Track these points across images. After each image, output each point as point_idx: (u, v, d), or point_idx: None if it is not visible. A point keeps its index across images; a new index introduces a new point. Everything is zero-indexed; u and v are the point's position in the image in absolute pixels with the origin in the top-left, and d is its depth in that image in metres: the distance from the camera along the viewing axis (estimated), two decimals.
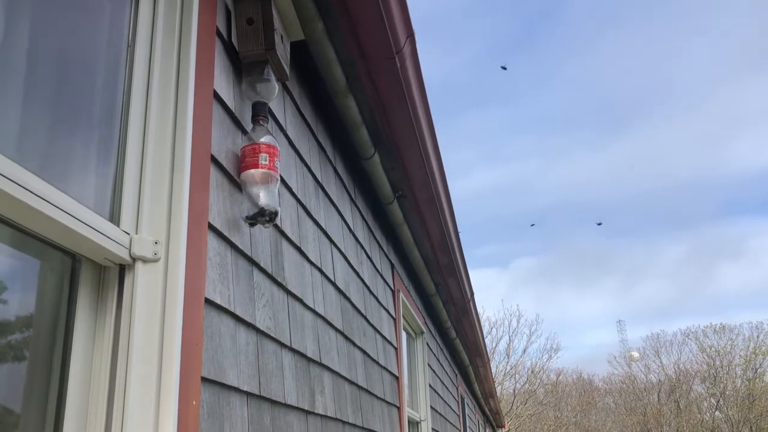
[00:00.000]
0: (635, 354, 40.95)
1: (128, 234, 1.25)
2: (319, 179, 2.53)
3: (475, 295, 6.41)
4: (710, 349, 35.60)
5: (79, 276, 1.22)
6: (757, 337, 34.30)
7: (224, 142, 1.63)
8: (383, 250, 3.83)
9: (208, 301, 1.41)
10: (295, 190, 2.17)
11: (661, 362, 38.37)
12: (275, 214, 1.65)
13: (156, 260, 1.27)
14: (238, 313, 1.58)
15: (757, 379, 33.16)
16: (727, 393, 33.44)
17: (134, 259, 1.24)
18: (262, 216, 1.63)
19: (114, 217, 1.27)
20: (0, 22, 1.10)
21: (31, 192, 1.00)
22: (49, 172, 1.16)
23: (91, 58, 1.34)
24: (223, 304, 1.49)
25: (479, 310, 9.26)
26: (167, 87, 1.41)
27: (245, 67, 1.76)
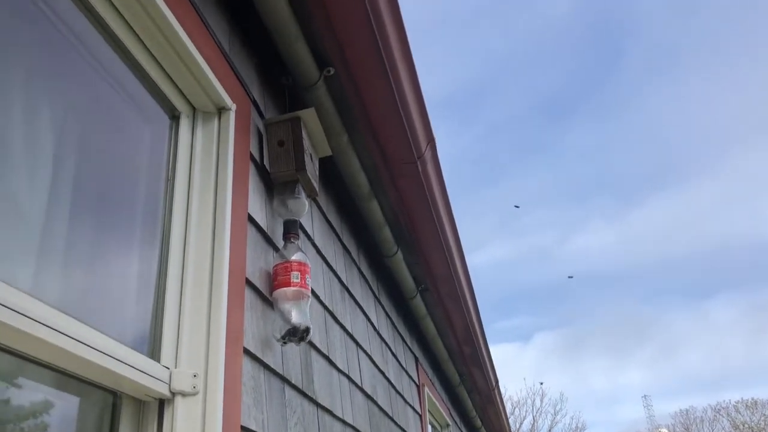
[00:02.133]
0: (665, 431, 39.36)
1: (168, 369, 1.26)
2: (345, 282, 2.55)
3: (499, 382, 6.27)
4: (744, 425, 34.15)
5: (120, 411, 1.22)
6: None
7: (257, 262, 1.66)
8: (407, 344, 3.79)
9: (243, 429, 1.41)
10: (322, 297, 2.19)
11: None
12: (307, 332, 1.66)
13: (195, 393, 1.27)
14: None
15: None
16: None
17: (174, 394, 1.25)
18: (294, 335, 1.64)
19: (154, 352, 1.28)
20: (45, 157, 1.16)
21: (74, 339, 1.02)
22: (91, 312, 1.19)
23: (132, 191, 1.40)
24: (258, 430, 1.48)
25: (501, 388, 9.01)
26: (205, 215, 1.46)
27: (277, 186, 1.82)
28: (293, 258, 1.71)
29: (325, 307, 2.22)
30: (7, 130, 1.07)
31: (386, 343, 3.18)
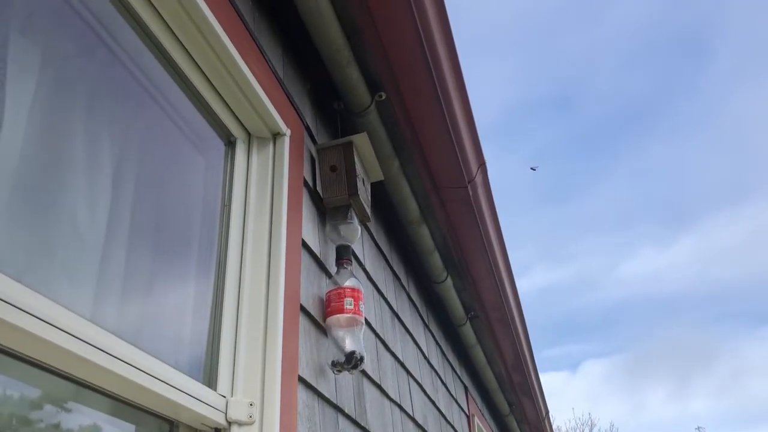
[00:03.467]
0: None
1: (224, 397, 1.24)
2: (395, 309, 2.51)
3: (549, 412, 6.09)
4: None
5: None
6: None
7: (311, 288, 1.64)
8: (456, 372, 3.71)
9: None
10: (373, 324, 2.16)
11: None
12: (361, 360, 1.62)
13: (251, 423, 1.25)
14: None
15: None
16: None
17: (230, 423, 1.23)
18: (348, 363, 1.60)
19: (211, 379, 1.27)
20: (104, 182, 1.16)
21: (131, 365, 1.01)
22: (148, 338, 1.18)
23: (189, 217, 1.40)
24: None
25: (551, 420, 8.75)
26: (261, 241, 1.45)
27: (329, 211, 1.81)
28: (346, 284, 1.69)
29: (377, 334, 2.18)
30: (68, 158, 1.08)
31: (436, 371, 3.11)
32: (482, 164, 2.54)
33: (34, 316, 0.83)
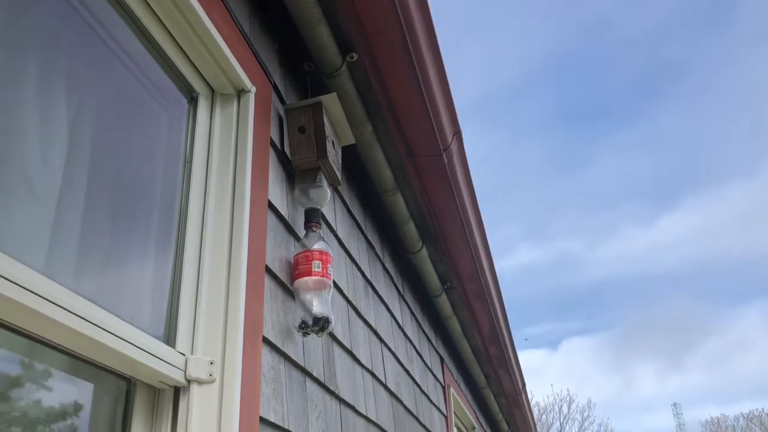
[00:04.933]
0: None
1: (183, 355, 1.22)
2: (369, 277, 2.49)
3: (526, 385, 6.15)
4: None
5: (134, 399, 1.18)
6: None
7: (278, 251, 1.62)
8: (432, 343, 3.72)
9: (262, 420, 1.36)
10: (345, 291, 2.14)
11: None
12: (328, 322, 1.60)
13: (211, 381, 1.22)
14: (292, 429, 1.51)
15: None
16: None
17: (189, 381, 1.21)
18: (316, 325, 1.59)
19: (170, 337, 1.24)
20: (60, 137, 1.12)
21: (87, 321, 0.98)
22: (105, 295, 1.15)
23: (149, 175, 1.36)
24: (278, 422, 1.43)
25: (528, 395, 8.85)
26: (223, 200, 1.42)
27: (298, 174, 1.77)
28: (315, 247, 1.66)
29: (349, 302, 2.17)
30: (22, 112, 1.03)
31: (411, 342, 3.11)
32: (457, 132, 2.52)
33: None
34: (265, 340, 1.44)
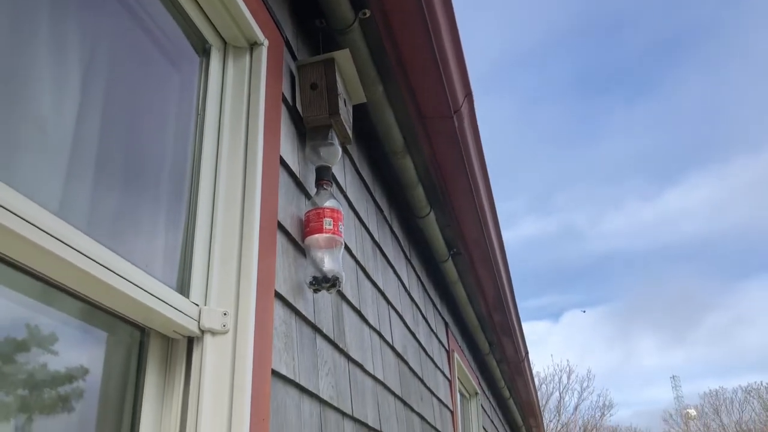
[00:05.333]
0: (692, 412, 38.93)
1: (197, 305, 1.22)
2: (377, 239, 2.49)
3: (529, 353, 6.20)
4: None
5: (147, 348, 1.19)
6: None
7: (289, 207, 1.61)
8: (437, 308, 3.74)
9: (274, 373, 1.37)
10: (354, 251, 2.14)
11: (721, 421, 36.35)
12: (339, 279, 1.61)
13: (225, 332, 1.23)
14: (303, 383, 1.52)
15: None
16: None
17: (203, 332, 1.21)
18: (327, 281, 1.59)
19: (183, 288, 1.24)
20: (73, 93, 1.11)
21: (101, 265, 0.98)
22: (118, 243, 1.15)
23: (161, 128, 1.35)
24: (289, 375, 1.44)
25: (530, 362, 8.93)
26: (236, 155, 1.41)
27: (309, 131, 1.76)
28: (326, 204, 1.66)
29: (357, 262, 2.17)
30: (32, 63, 1.02)
31: (417, 305, 3.12)
32: (468, 94, 2.49)
33: None
34: (277, 295, 1.45)
